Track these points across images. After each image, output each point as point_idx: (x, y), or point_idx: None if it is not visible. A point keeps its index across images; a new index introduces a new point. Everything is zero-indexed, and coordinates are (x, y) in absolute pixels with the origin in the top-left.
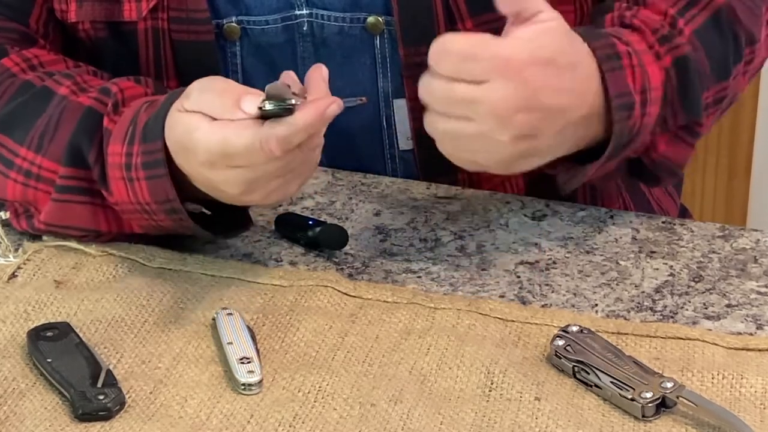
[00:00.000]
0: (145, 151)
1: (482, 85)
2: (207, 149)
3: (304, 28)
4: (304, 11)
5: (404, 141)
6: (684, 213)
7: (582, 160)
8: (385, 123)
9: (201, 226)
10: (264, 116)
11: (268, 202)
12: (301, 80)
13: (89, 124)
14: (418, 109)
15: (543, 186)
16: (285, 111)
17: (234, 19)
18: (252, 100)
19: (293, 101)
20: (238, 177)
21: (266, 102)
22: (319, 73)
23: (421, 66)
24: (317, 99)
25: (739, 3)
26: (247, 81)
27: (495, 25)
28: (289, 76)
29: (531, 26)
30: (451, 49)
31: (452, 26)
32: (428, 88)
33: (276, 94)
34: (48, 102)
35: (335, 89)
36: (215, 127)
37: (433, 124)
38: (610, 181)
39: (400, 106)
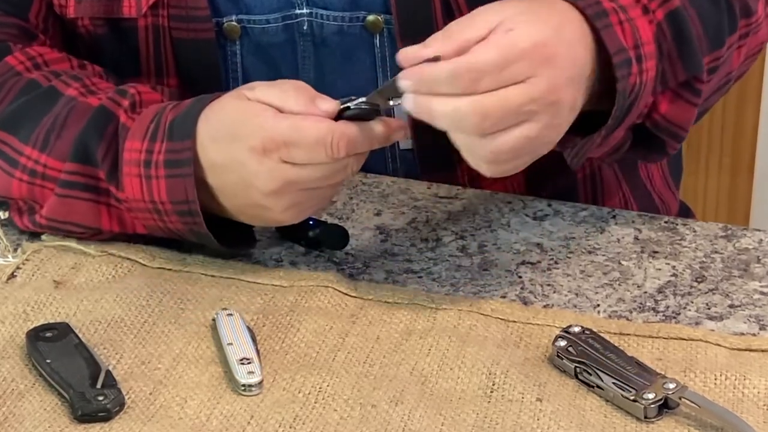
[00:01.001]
0: (170, 149)
1: (530, 81)
2: (269, 134)
3: (304, 28)
4: (304, 10)
5: (404, 140)
6: (687, 212)
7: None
8: None
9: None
10: (341, 118)
11: (281, 217)
12: (302, 80)
13: (100, 121)
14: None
15: (543, 184)
16: (366, 114)
17: (234, 18)
18: (330, 101)
19: (378, 105)
20: (281, 173)
21: (350, 103)
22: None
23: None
24: (390, 119)
25: None
26: (247, 80)
27: None
28: None
29: (508, 20)
30: (483, 64)
31: (450, 19)
32: (480, 110)
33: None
34: (54, 102)
35: (335, 89)
36: (284, 115)
37: (497, 151)
38: (616, 155)
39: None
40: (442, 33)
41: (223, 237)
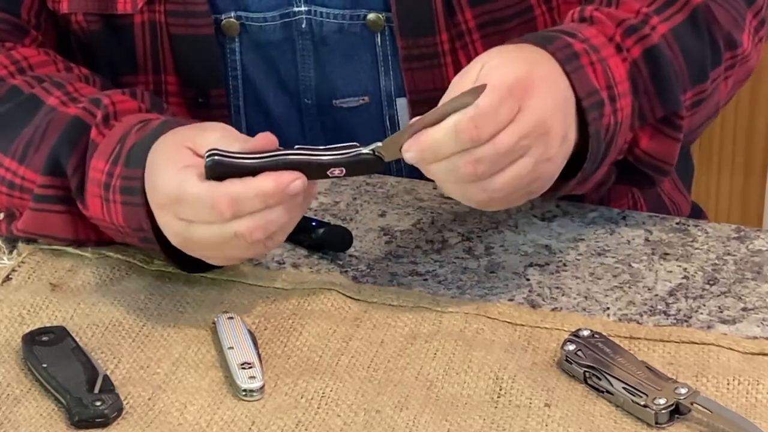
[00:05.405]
0: (125, 176)
1: (517, 118)
2: (163, 189)
3: (303, 26)
4: (303, 8)
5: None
6: (699, 213)
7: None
8: (388, 123)
9: (175, 258)
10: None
11: (210, 262)
12: (302, 80)
13: (73, 133)
14: (418, 103)
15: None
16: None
17: (233, 14)
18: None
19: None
20: (176, 229)
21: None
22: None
23: (421, 58)
24: (282, 172)
25: (717, 6)
26: (247, 78)
27: (495, 15)
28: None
29: (484, 65)
30: (487, 109)
31: (451, 17)
32: (473, 159)
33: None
34: (35, 112)
35: (336, 88)
36: (185, 170)
37: (492, 190)
38: (601, 189)
39: (403, 105)
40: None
41: (189, 257)
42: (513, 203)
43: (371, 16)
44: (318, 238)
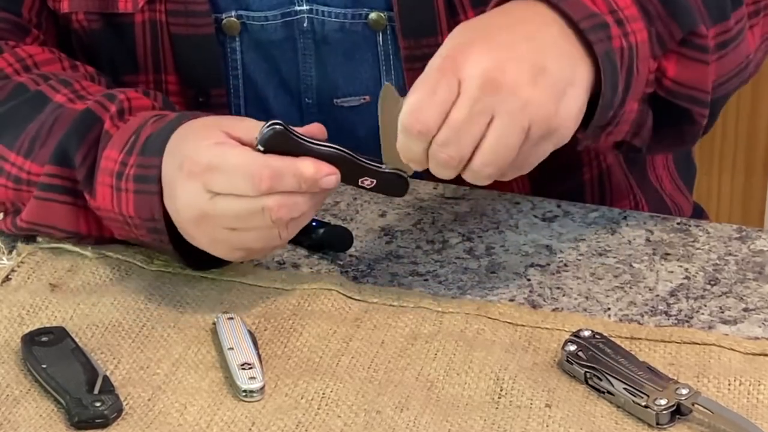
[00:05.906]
0: (140, 164)
1: (461, 89)
2: (196, 157)
3: (305, 25)
4: (305, 7)
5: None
6: (700, 213)
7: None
8: None
9: (180, 253)
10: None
11: (212, 250)
12: (303, 79)
13: (82, 125)
14: None
15: (549, 185)
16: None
17: (234, 13)
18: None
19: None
20: (198, 200)
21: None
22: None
23: (423, 59)
24: (322, 162)
25: None
26: (248, 77)
27: None
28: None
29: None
30: (419, 99)
31: (453, 18)
32: (440, 144)
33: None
34: (41, 108)
35: (336, 88)
36: (223, 143)
37: (490, 163)
38: (641, 133)
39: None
40: None
41: (193, 254)
42: (538, 157)
43: (373, 15)
44: (318, 238)
